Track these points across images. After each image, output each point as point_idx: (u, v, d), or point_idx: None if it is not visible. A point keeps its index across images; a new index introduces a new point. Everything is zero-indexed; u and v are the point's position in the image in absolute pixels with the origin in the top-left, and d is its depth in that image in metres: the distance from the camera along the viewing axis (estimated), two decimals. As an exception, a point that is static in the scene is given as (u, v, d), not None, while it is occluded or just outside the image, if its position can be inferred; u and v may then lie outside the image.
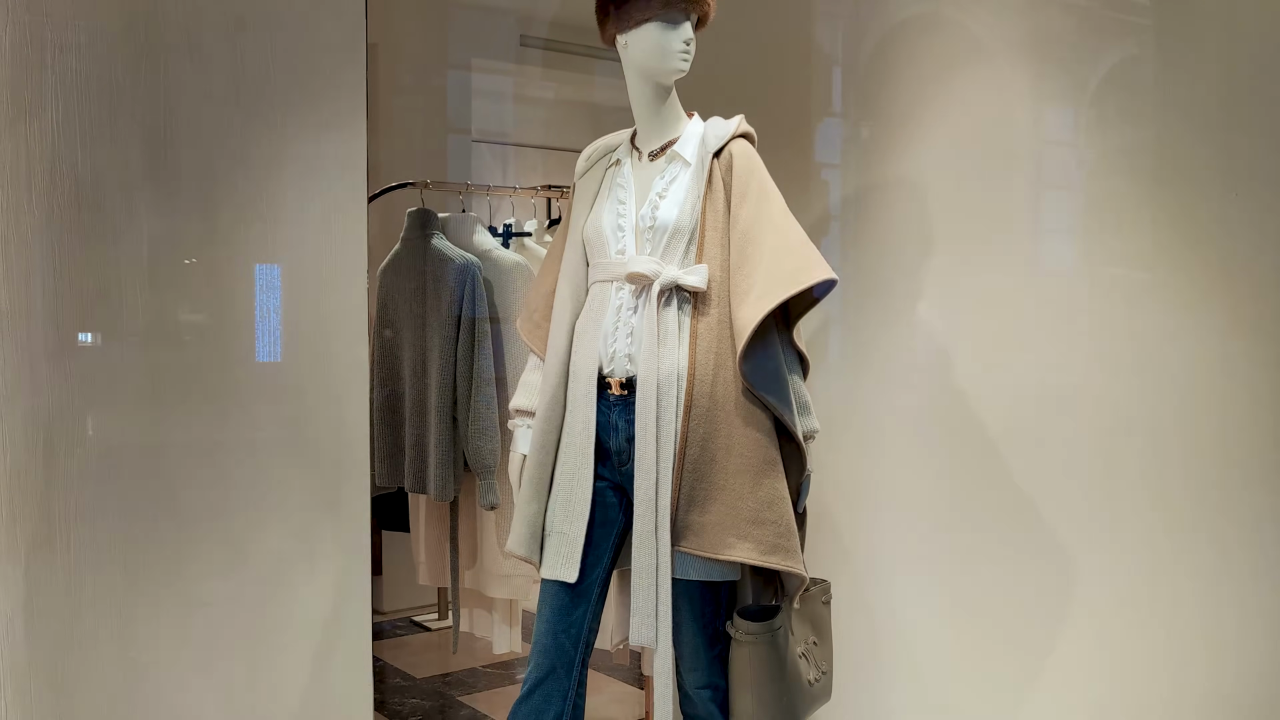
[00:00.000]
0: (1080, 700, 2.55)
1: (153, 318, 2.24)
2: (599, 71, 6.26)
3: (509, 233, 3.25)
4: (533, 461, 2.13)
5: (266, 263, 2.36)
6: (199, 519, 2.30)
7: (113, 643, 2.22)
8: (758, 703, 2.06)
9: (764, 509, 1.98)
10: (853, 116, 3.09)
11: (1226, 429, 2.26)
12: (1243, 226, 2.23)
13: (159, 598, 2.26)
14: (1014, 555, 2.67)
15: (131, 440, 2.23)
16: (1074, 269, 2.60)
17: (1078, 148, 2.60)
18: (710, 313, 2.02)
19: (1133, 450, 2.43)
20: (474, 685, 4.50)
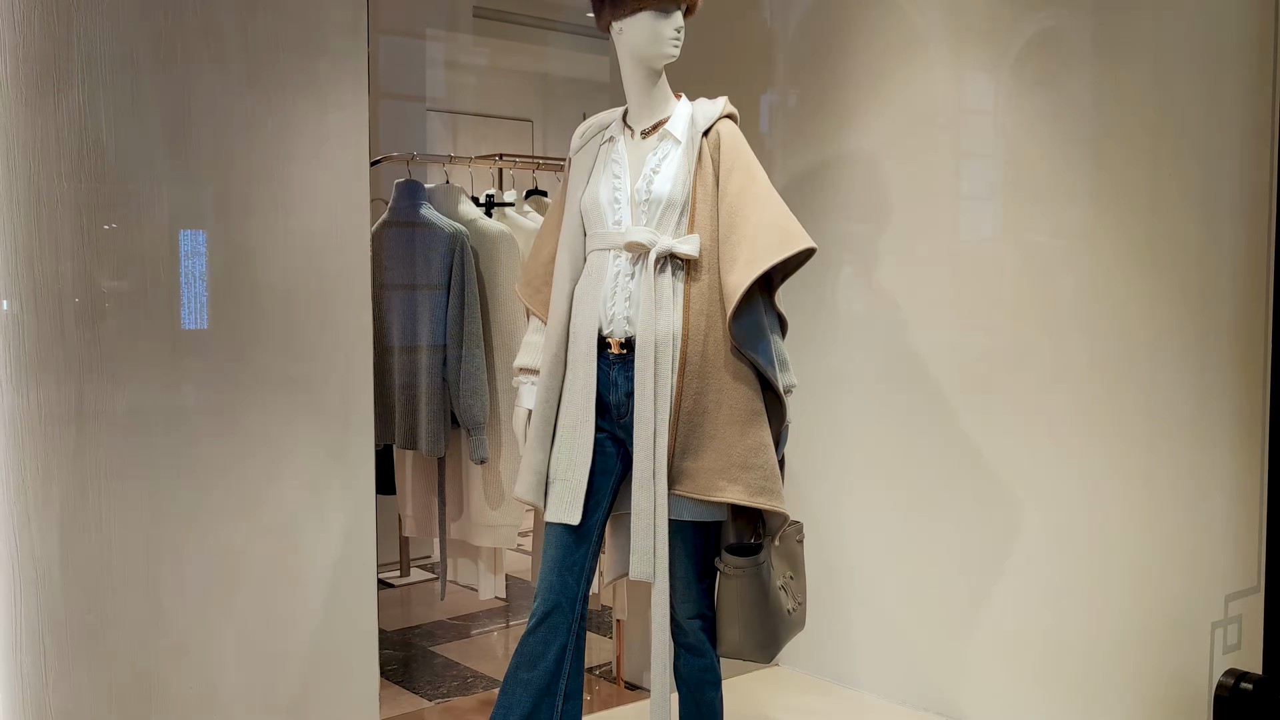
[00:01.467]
0: (1021, 624, 2.83)
1: (173, 283, 2.38)
2: (549, 42, 6.39)
3: (491, 202, 3.42)
4: (537, 415, 2.33)
5: (277, 230, 2.50)
6: (217, 473, 2.46)
7: (140, 587, 2.37)
8: (743, 630, 2.29)
9: (751, 455, 2.20)
10: (781, 89, 3.30)
11: (1154, 379, 2.53)
12: (1170, 196, 2.49)
13: (181, 546, 2.42)
14: (956, 495, 2.94)
15: (155, 400, 2.37)
16: (997, 235, 2.85)
17: (996, 116, 2.85)
18: (701, 278, 2.23)
19: (1063, 400, 2.70)
20: (442, 637, 4.70)
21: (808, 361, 3.21)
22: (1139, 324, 2.55)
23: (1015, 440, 2.81)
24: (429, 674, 4.18)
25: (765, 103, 3.41)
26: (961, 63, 2.90)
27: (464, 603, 5.13)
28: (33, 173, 2.22)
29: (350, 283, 2.62)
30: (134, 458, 2.35)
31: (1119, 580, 2.60)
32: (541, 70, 6.80)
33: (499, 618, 5.03)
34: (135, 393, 2.34)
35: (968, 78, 2.91)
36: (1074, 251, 2.68)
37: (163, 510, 2.39)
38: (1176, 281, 2.48)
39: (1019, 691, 2.83)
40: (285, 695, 2.57)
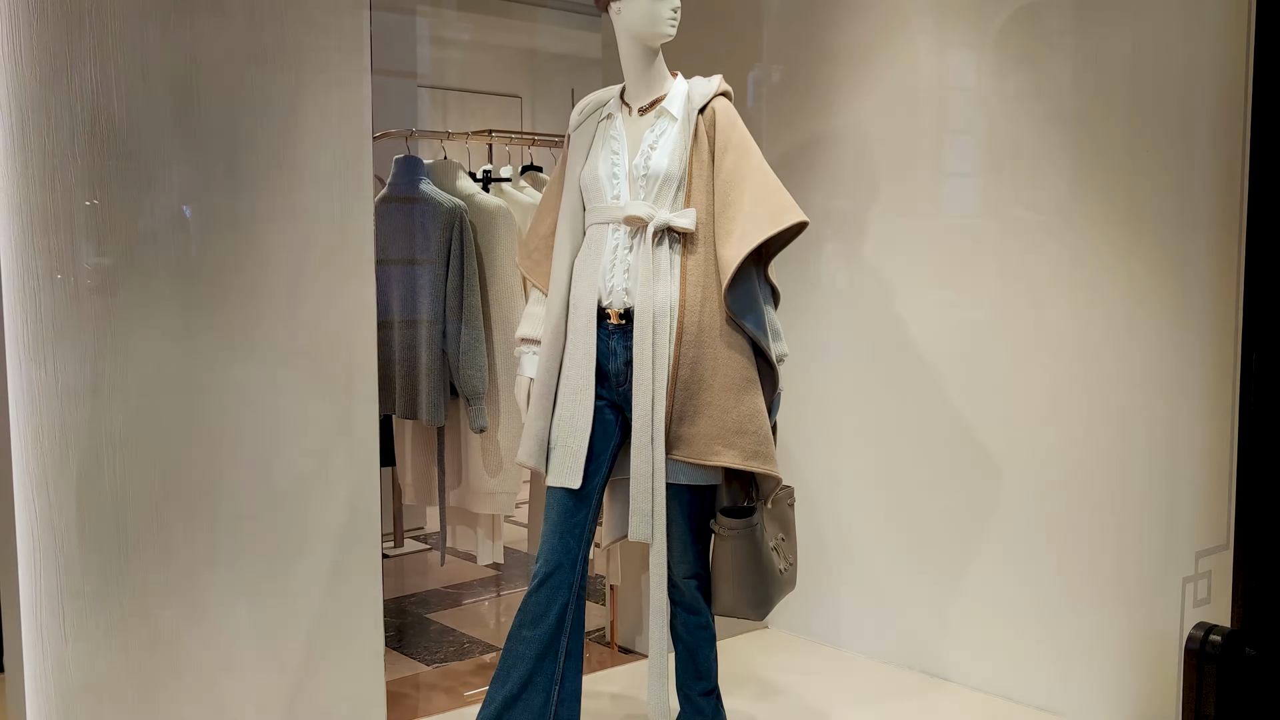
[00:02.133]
0: (1000, 584, 2.94)
1: (183, 256, 2.45)
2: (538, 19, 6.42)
3: (489, 178, 3.49)
4: (539, 384, 2.41)
5: (283, 203, 2.57)
6: (227, 442, 2.53)
7: (154, 551, 2.45)
8: (738, 589, 2.39)
9: (746, 421, 2.29)
10: (767, 65, 3.38)
11: (1130, 348, 2.63)
12: (1146, 175, 2.59)
13: (193, 512, 2.49)
14: (939, 462, 3.05)
15: (167, 368, 2.44)
16: (979, 210, 2.94)
17: (980, 92, 2.93)
18: (698, 251, 2.31)
19: (1043, 369, 2.80)
20: (437, 605, 4.79)
21: (796, 333, 3.30)
22: (1116, 296, 2.65)
23: (996, 408, 2.92)
24: (425, 640, 4.27)
25: (751, 79, 3.49)
26: (945, 40, 2.98)
27: (459, 572, 5.23)
28: (47, 149, 2.28)
29: (354, 257, 2.69)
30: (147, 427, 2.42)
31: (1097, 540, 2.72)
32: (530, 47, 6.85)
33: (492, 586, 5.13)
34: (147, 364, 2.41)
35: (951, 55, 2.99)
36: (1054, 226, 2.78)
37: (175, 478, 2.47)
38: (1152, 255, 2.58)
39: (998, 648, 2.95)
40: (294, 655, 2.66)
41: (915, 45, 3.04)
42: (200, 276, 2.48)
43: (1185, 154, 2.51)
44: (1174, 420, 2.55)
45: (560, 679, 2.39)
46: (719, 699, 2.50)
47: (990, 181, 2.93)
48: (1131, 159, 2.60)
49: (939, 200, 3.04)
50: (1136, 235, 2.60)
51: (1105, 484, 2.70)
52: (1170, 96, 2.53)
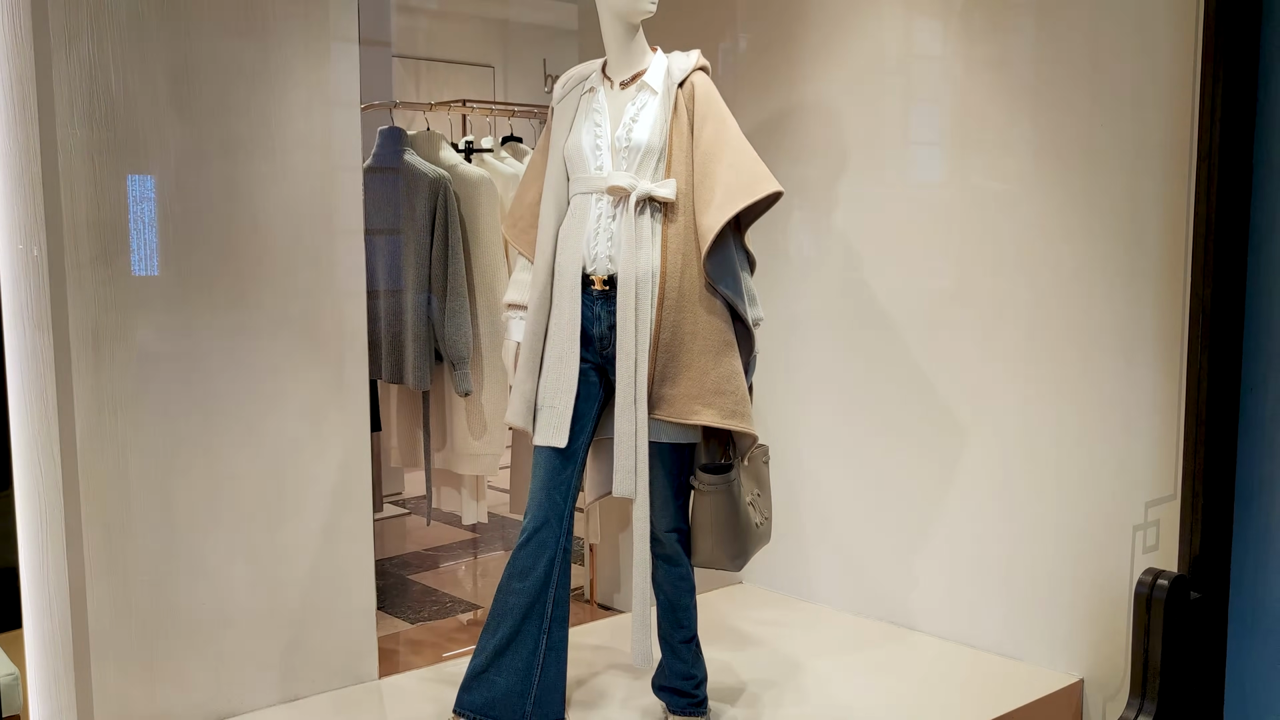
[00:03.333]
0: (964, 537, 3.09)
1: (180, 225, 2.53)
2: (512, -11, 6.46)
3: (471, 148, 3.57)
4: (526, 347, 2.52)
5: (276, 174, 2.65)
6: (224, 405, 2.62)
7: (156, 511, 2.54)
8: (716, 541, 2.51)
9: (724, 382, 2.41)
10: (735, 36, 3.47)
11: (1087, 311, 2.77)
12: (1103, 147, 2.72)
13: (191, 471, 2.59)
14: (905, 422, 3.19)
15: (165, 336, 2.53)
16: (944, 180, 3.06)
17: (946, 61, 3.05)
18: (678, 220, 2.42)
19: (1004, 333, 2.94)
20: (418, 566, 4.91)
21: (770, 300, 3.41)
22: (1073, 263, 2.79)
23: (960, 370, 3.05)
24: (408, 600, 4.40)
25: (721, 50, 3.57)
26: (912, 9, 3.09)
27: (438, 535, 5.35)
28: (46, 121, 2.35)
29: (344, 225, 2.78)
30: (147, 389, 2.51)
31: (1053, 493, 2.86)
32: (503, 16, 6.89)
33: (471, 549, 5.25)
34: (147, 328, 2.50)
35: (918, 24, 3.10)
36: (1015, 196, 2.90)
37: (174, 438, 2.55)
38: (1107, 224, 2.71)
39: (963, 598, 3.10)
40: (289, 610, 2.77)
41: (883, 14, 3.14)
42: (196, 245, 2.56)
43: (1138, 129, 2.63)
44: (1127, 381, 2.69)
45: (548, 629, 2.50)
46: (698, 647, 2.63)
47: (955, 152, 3.05)
48: (1088, 132, 2.72)
49: (905, 170, 3.16)
50: (1092, 206, 2.73)
51: (1061, 441, 2.84)
52: (1124, 75, 2.66)
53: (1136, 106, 2.63)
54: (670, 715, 2.61)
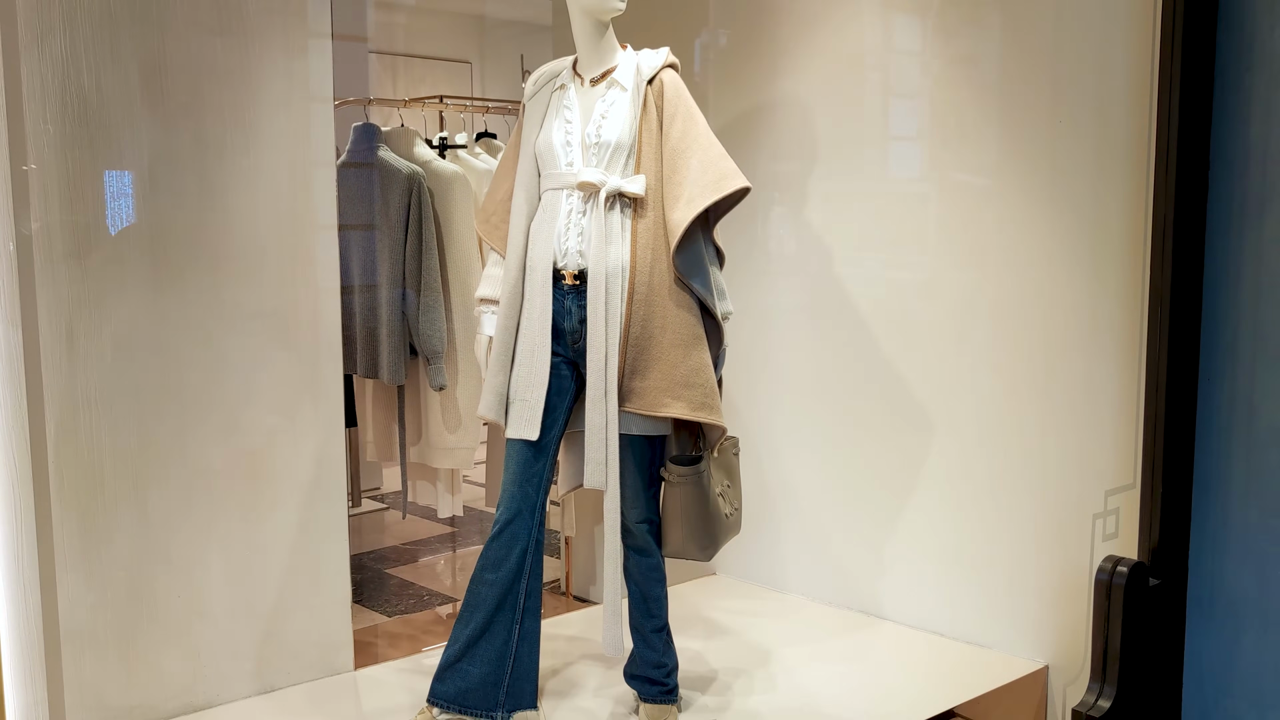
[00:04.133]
0: (931, 527, 3.14)
1: (153, 220, 2.55)
2: (488, -15, 6.47)
3: (444, 144, 3.59)
4: (498, 341, 2.55)
5: (249, 170, 2.67)
6: (199, 398, 2.64)
7: (130, 504, 2.56)
8: (687, 531, 2.55)
9: (693, 375, 2.45)
10: (714, 31, 3.51)
11: (1051, 307, 2.82)
12: (1066, 146, 2.77)
13: (166, 465, 2.61)
14: (876, 414, 3.23)
15: (140, 329, 2.54)
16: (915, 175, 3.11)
17: (923, 57, 3.09)
18: (647, 215, 2.46)
19: (971, 327, 2.99)
20: (395, 560, 4.93)
21: (744, 294, 3.46)
22: (1038, 259, 2.84)
23: (929, 363, 3.10)
24: (385, 593, 4.42)
25: (699, 45, 3.61)
26: (885, 6, 3.13)
27: (416, 529, 5.36)
28: (17, 119, 2.36)
29: (317, 221, 2.80)
30: (121, 386, 2.53)
31: (1017, 483, 2.92)
32: (479, 12, 6.89)
33: (448, 543, 5.27)
34: (121, 324, 2.51)
35: (891, 21, 3.14)
36: (983, 193, 2.95)
37: (149, 432, 2.57)
38: (1071, 220, 2.76)
39: (930, 587, 3.15)
40: (264, 602, 2.79)
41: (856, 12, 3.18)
42: (169, 240, 2.57)
43: (1100, 129, 2.68)
44: (1089, 374, 2.74)
45: (520, 619, 2.54)
46: (669, 636, 2.67)
47: (925, 148, 3.09)
48: (1052, 132, 2.77)
49: (876, 166, 3.20)
50: (1056, 203, 2.78)
51: (1025, 432, 2.89)
52: (1087, 73, 2.70)
53: (1098, 107, 2.68)
54: (641, 703, 2.65)
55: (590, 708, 2.71)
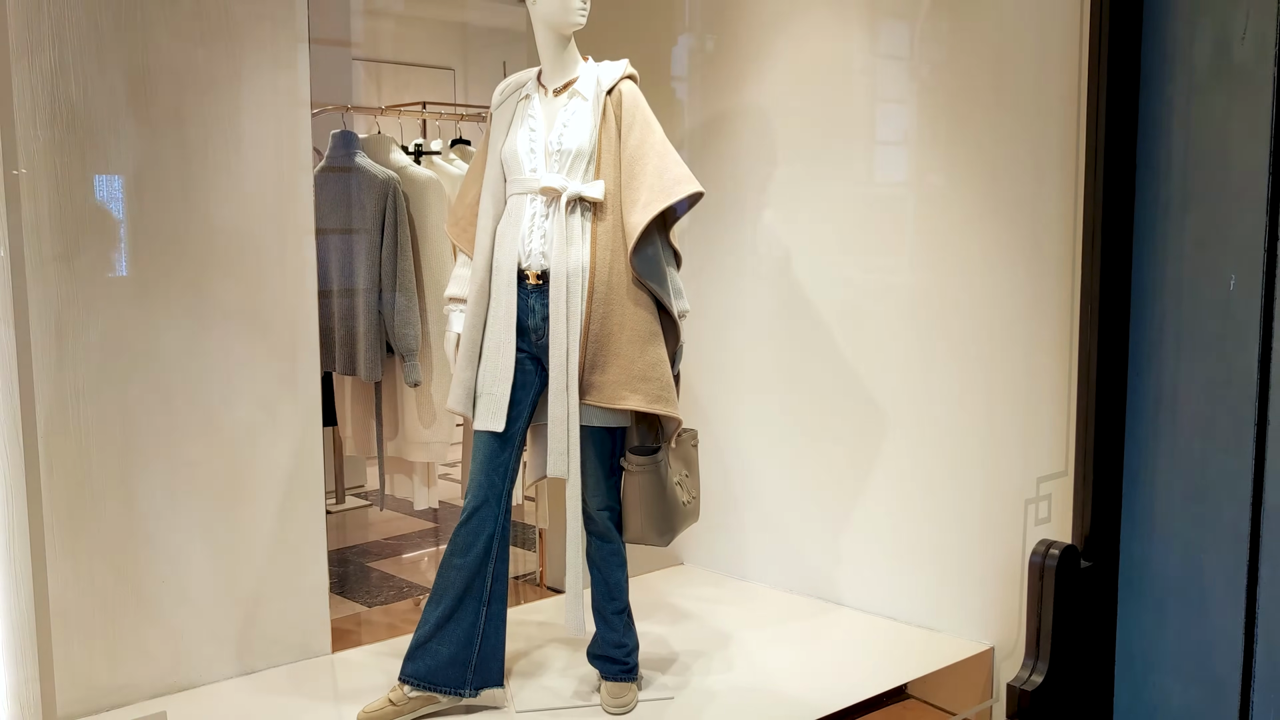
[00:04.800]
0: (883, 515, 3.29)
1: (139, 224, 2.68)
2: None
3: (420, 151, 3.73)
4: (465, 338, 2.69)
5: (230, 175, 2.80)
6: (182, 393, 2.77)
7: (117, 493, 2.69)
8: (645, 518, 2.69)
9: (650, 369, 2.59)
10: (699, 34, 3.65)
11: (993, 308, 2.97)
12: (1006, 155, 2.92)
13: (151, 458, 2.74)
14: (832, 408, 3.38)
15: (124, 328, 2.68)
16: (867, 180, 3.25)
17: (868, 68, 3.23)
18: (606, 218, 2.60)
19: (919, 327, 3.14)
20: (377, 554, 5.06)
21: (710, 294, 3.60)
22: (980, 262, 2.98)
23: (881, 360, 3.25)
24: (367, 585, 4.55)
25: (683, 46, 3.72)
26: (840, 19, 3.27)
27: (398, 525, 5.50)
28: (8, 127, 2.49)
29: (295, 224, 2.94)
30: (108, 381, 2.66)
31: (962, 473, 3.07)
32: (461, 20, 7.03)
33: (429, 537, 5.41)
34: (107, 322, 2.65)
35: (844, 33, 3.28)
36: (931, 199, 3.10)
37: (134, 426, 2.71)
38: (1011, 226, 2.91)
39: (882, 572, 3.30)
40: (246, 588, 2.92)
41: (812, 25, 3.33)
42: (154, 243, 2.71)
43: (1037, 139, 2.83)
44: (1026, 369, 2.89)
45: (487, 602, 2.67)
46: (630, 617, 2.81)
47: (876, 155, 3.24)
48: (993, 140, 2.92)
49: (830, 172, 3.35)
50: (998, 210, 2.93)
51: (970, 425, 3.04)
52: (1024, 87, 2.86)
53: (1035, 119, 2.83)
54: (603, 681, 2.78)
55: (555, 686, 2.85)
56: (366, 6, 6.49)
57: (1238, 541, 2.53)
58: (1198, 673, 2.61)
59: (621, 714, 2.71)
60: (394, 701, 2.65)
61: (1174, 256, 2.58)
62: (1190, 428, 2.59)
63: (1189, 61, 2.51)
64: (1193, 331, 2.57)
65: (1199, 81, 2.49)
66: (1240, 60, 2.42)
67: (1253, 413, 2.47)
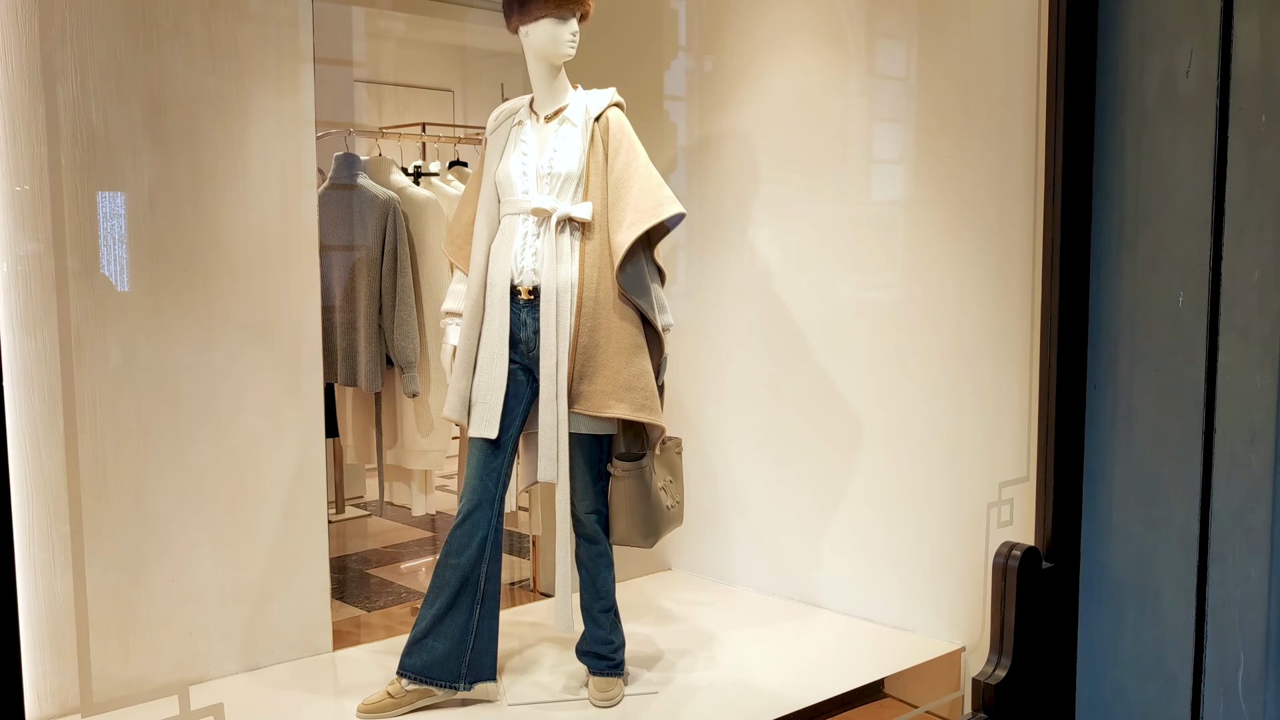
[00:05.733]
0: (859, 521, 3.44)
1: (154, 242, 2.84)
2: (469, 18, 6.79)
3: (419, 172, 3.90)
4: (461, 350, 2.84)
5: (239, 194, 2.97)
6: (193, 402, 2.93)
7: (129, 496, 2.84)
8: (630, 521, 2.84)
9: (635, 379, 2.75)
10: (697, 55, 3.82)
11: (960, 324, 3.13)
12: (973, 180, 3.08)
13: (163, 462, 2.89)
14: (812, 419, 3.54)
15: (138, 340, 2.84)
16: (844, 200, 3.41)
17: (845, 93, 3.40)
18: (594, 237, 2.76)
19: (894, 342, 3.30)
20: (376, 562, 5.20)
21: (695, 310, 3.76)
22: (950, 279, 3.15)
23: (857, 372, 3.41)
24: (366, 591, 4.69)
25: (681, 67, 3.88)
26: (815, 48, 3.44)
27: (397, 534, 5.65)
28: (35, 152, 2.66)
29: (300, 242, 3.10)
30: (123, 388, 2.81)
31: (930, 481, 3.22)
32: (461, 43, 7.20)
33: (427, 545, 5.55)
34: (123, 334, 2.81)
35: (820, 61, 3.45)
36: (904, 220, 3.27)
37: (148, 433, 2.86)
38: (978, 246, 3.08)
39: (861, 578, 3.45)
40: (251, 588, 3.07)
41: (790, 53, 3.50)
42: (168, 259, 2.87)
43: (1002, 162, 3.00)
44: (991, 381, 3.05)
45: (481, 600, 2.82)
46: (616, 616, 2.96)
47: (854, 179, 3.41)
48: (961, 166, 3.09)
49: (810, 192, 3.51)
50: (965, 232, 3.10)
51: (940, 435, 3.20)
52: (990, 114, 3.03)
53: (999, 146, 3.00)
54: (590, 676, 2.93)
55: (545, 682, 3.00)
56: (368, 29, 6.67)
57: (1188, 544, 2.68)
58: (1152, 667, 2.76)
59: (608, 707, 2.85)
60: (392, 694, 2.79)
61: (1127, 275, 2.74)
62: (1144, 436, 2.74)
63: (1139, 93, 2.67)
64: (1145, 346, 2.72)
65: (1149, 112, 2.66)
66: (1186, 93, 2.59)
67: (1201, 422, 2.63)
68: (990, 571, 2.77)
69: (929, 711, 3.19)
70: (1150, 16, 2.64)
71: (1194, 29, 2.56)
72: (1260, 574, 2.55)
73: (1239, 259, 2.53)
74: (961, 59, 3.09)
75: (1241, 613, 2.59)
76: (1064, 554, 2.83)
